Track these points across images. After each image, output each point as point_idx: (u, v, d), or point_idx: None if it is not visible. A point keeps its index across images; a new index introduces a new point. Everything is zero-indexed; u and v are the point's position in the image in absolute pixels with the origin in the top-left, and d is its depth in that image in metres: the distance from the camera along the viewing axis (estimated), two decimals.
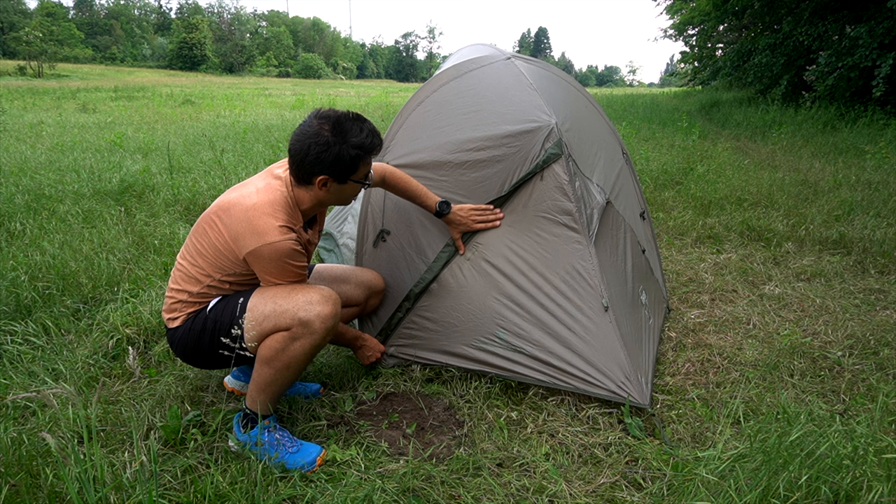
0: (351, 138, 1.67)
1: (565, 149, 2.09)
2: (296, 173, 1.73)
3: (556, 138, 2.07)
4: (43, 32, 43.23)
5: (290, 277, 1.73)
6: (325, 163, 1.67)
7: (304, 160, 1.67)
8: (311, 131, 1.66)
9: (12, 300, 2.68)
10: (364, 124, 1.71)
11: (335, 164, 1.68)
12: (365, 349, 2.18)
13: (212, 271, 1.74)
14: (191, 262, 1.77)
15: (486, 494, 1.62)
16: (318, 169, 1.68)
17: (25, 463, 1.59)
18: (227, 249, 1.70)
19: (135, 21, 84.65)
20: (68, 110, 13.34)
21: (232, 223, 1.67)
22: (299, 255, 1.72)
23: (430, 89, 2.31)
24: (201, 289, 1.76)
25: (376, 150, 1.76)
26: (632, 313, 2.20)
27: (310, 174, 1.70)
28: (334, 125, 1.66)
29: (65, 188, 4.80)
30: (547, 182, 2.08)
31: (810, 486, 1.44)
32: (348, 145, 1.67)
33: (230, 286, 1.78)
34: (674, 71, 30.36)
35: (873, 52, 8.90)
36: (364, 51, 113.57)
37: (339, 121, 1.67)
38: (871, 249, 3.62)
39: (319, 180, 1.70)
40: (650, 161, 6.34)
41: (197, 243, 1.76)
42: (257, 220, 1.64)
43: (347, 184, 1.76)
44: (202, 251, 1.74)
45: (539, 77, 2.38)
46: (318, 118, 1.68)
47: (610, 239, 2.27)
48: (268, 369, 1.68)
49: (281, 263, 1.68)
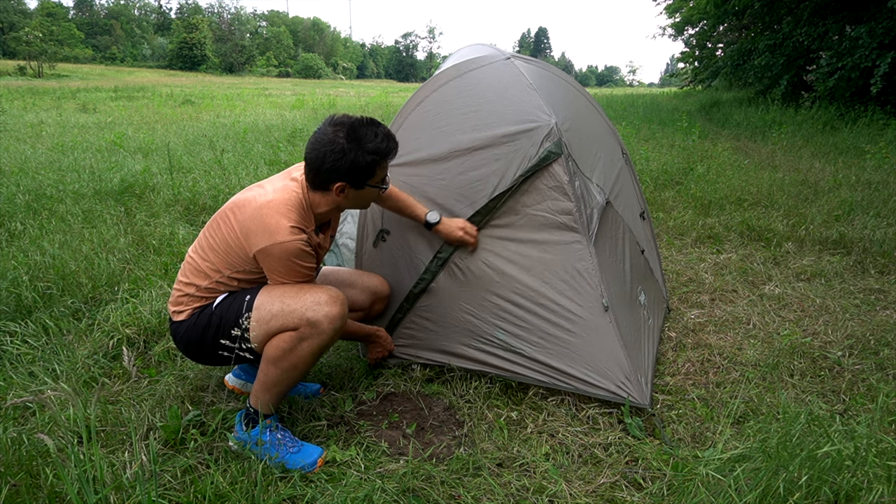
0: (366, 144, 1.68)
1: (565, 148, 2.09)
2: (312, 180, 1.74)
3: (556, 138, 2.06)
4: (43, 32, 43.23)
5: (297, 278, 1.73)
6: (341, 170, 1.68)
7: (321, 168, 1.68)
8: (327, 139, 1.67)
9: (12, 300, 2.68)
10: (378, 129, 1.72)
11: (352, 170, 1.69)
12: (377, 345, 2.18)
13: (221, 266, 1.75)
14: (201, 256, 1.78)
15: (486, 494, 1.62)
16: (335, 176, 1.70)
17: (25, 463, 1.59)
18: (237, 245, 1.71)
19: (135, 21, 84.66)
20: (68, 110, 13.34)
21: (244, 220, 1.68)
22: (308, 257, 1.72)
23: (430, 89, 2.31)
24: (210, 284, 1.76)
25: (392, 153, 1.77)
26: (631, 313, 2.20)
27: (327, 181, 1.71)
28: (349, 132, 1.67)
29: (65, 188, 4.80)
30: (546, 182, 2.07)
31: (810, 487, 1.44)
32: (364, 151, 1.68)
33: (238, 283, 1.78)
34: (674, 71, 30.34)
35: (873, 53, 8.91)
36: (364, 51, 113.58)
37: (353, 127, 1.68)
38: (871, 249, 3.62)
39: (337, 187, 1.72)
40: (650, 161, 6.34)
41: (210, 237, 1.77)
42: (269, 218, 1.65)
43: (365, 189, 1.77)
44: (213, 246, 1.75)
45: (539, 77, 2.38)
46: (333, 125, 1.70)
47: (609, 239, 2.27)
48: (274, 369, 1.68)
49: (289, 263, 1.68)
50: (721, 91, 18.09)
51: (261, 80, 49.48)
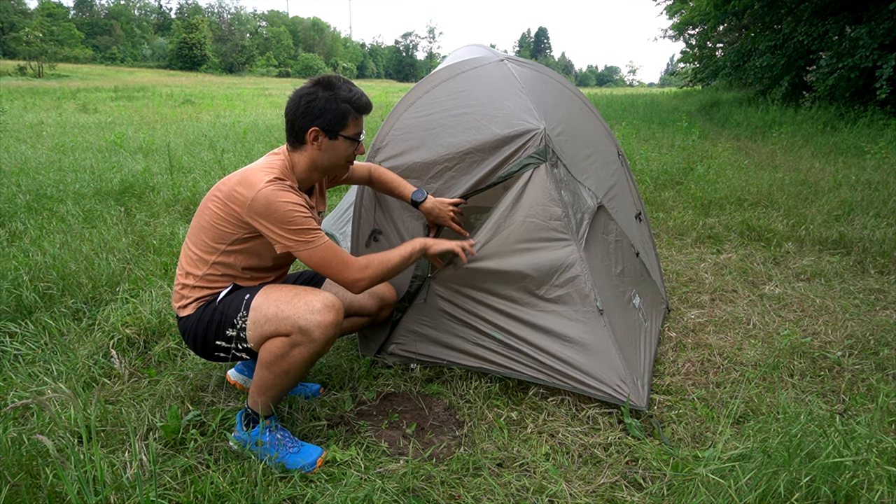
0: (340, 92, 1.75)
1: (552, 154, 2.09)
2: (290, 132, 1.79)
3: (543, 143, 2.07)
4: (43, 32, 43.28)
5: (295, 225, 1.67)
6: (314, 112, 1.73)
7: (296, 113, 1.74)
8: (304, 91, 1.76)
9: (13, 301, 2.68)
10: (354, 87, 1.79)
11: (323, 113, 1.73)
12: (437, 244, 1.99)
13: (214, 243, 1.74)
14: (194, 243, 1.78)
15: (486, 494, 1.62)
16: (308, 121, 1.74)
17: (25, 463, 1.59)
18: (224, 212, 1.71)
19: (135, 21, 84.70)
20: (68, 110, 13.34)
21: (227, 186, 1.72)
22: (295, 197, 1.69)
23: (423, 90, 2.32)
24: (207, 269, 1.76)
25: (365, 109, 1.81)
26: (625, 317, 2.20)
27: (301, 129, 1.75)
28: (324, 81, 1.76)
29: (65, 188, 4.80)
30: (536, 187, 2.08)
31: (810, 487, 1.44)
32: (337, 98, 1.74)
33: (234, 261, 1.76)
34: (674, 71, 30.38)
35: (874, 53, 8.91)
36: (364, 51, 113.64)
37: (329, 78, 1.77)
38: (871, 249, 3.62)
39: (311, 133, 1.75)
40: (650, 161, 6.34)
41: (199, 221, 1.79)
42: (251, 175, 1.70)
43: (338, 139, 1.78)
44: (204, 225, 1.76)
45: (530, 80, 2.39)
46: (312, 79, 1.79)
47: (601, 243, 2.28)
48: (268, 373, 1.68)
49: (278, 207, 1.65)
50: (721, 91, 18.08)
51: (261, 80, 49.50)
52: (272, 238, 1.69)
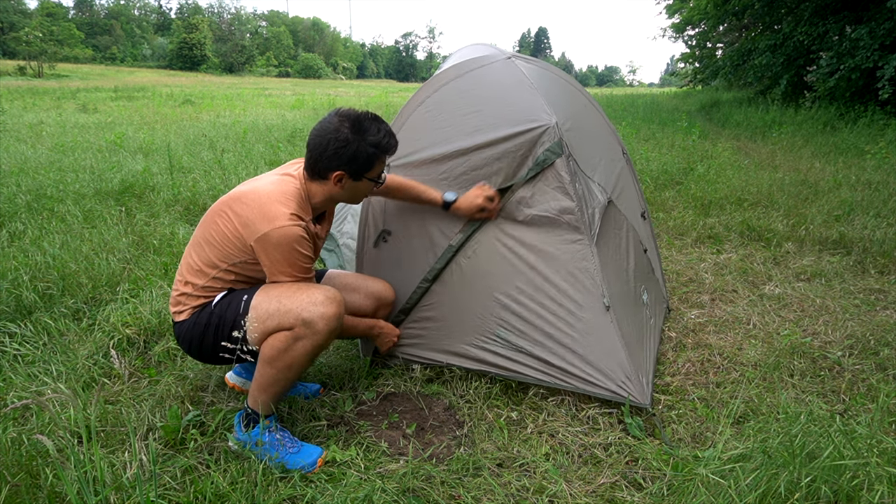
0: (369, 136, 1.73)
1: (566, 148, 2.09)
2: (312, 167, 1.77)
3: (557, 137, 2.07)
4: (43, 32, 43.27)
5: (296, 269, 1.72)
6: (342, 158, 1.72)
7: (323, 155, 1.72)
8: (332, 128, 1.72)
9: (13, 301, 2.68)
10: (381, 125, 1.77)
11: (352, 160, 1.73)
12: (383, 336, 2.18)
13: (218, 260, 1.75)
14: (197, 254, 1.78)
15: (486, 494, 1.62)
16: (335, 164, 1.73)
17: (25, 463, 1.59)
18: (235, 236, 1.71)
19: (135, 21, 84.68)
20: (68, 110, 13.33)
21: (243, 210, 1.70)
22: (306, 244, 1.72)
23: (431, 89, 2.31)
24: (206, 281, 1.77)
25: (391, 150, 1.82)
26: (633, 313, 2.20)
27: (326, 169, 1.75)
28: (354, 123, 1.72)
29: (65, 188, 4.80)
30: (548, 181, 2.08)
31: (811, 487, 1.44)
32: (366, 143, 1.73)
33: (234, 278, 1.78)
34: (674, 71, 30.38)
35: (874, 54, 8.91)
36: (364, 51, 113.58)
37: (358, 119, 1.74)
38: (871, 249, 3.62)
39: (335, 176, 1.75)
40: (650, 161, 6.34)
41: (205, 233, 1.77)
42: (269, 206, 1.67)
43: (362, 181, 1.80)
44: (210, 240, 1.75)
45: (540, 77, 2.38)
46: (339, 116, 1.75)
47: (612, 238, 2.27)
48: (270, 369, 1.68)
49: (289, 250, 1.68)
50: (721, 91, 18.10)
51: (261, 80, 49.50)
52: (265, 264, 1.72)
